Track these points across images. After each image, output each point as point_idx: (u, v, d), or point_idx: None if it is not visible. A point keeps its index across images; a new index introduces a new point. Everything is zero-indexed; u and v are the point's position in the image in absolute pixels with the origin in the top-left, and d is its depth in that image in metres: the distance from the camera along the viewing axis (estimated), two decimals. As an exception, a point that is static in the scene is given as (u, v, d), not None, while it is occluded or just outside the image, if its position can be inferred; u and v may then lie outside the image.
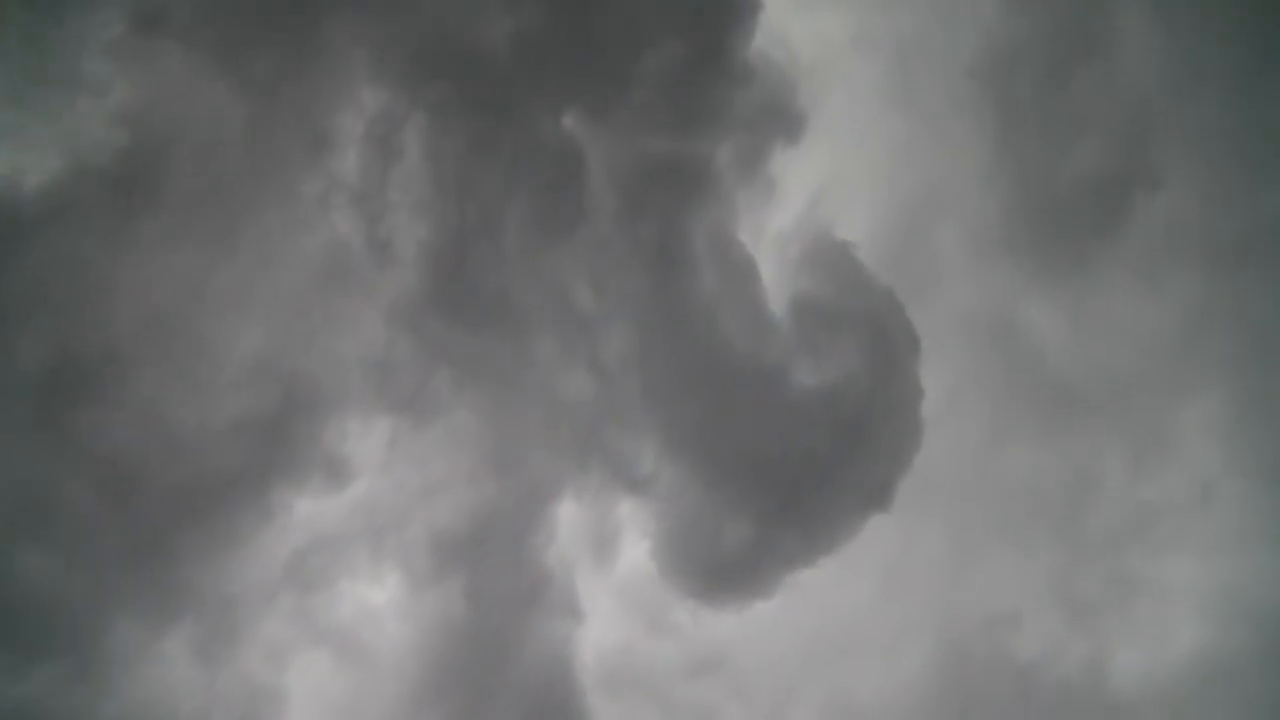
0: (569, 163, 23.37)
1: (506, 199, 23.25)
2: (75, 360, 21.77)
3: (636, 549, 24.62)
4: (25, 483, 21.54)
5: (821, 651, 25.76)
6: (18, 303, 21.67)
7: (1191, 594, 25.56)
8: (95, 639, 22.04)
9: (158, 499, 22.08)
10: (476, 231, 23.06)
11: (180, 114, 22.84)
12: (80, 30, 22.59)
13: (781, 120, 24.74)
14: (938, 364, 24.70)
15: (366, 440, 23.76)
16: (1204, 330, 26.47)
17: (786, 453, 23.76)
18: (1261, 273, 26.34)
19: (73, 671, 21.92)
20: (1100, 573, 25.73)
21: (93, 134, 22.44)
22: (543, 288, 23.47)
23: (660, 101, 23.65)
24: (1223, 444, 26.21)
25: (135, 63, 22.65)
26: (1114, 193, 25.84)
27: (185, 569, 22.63)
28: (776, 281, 24.52)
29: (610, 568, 24.95)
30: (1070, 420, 26.26)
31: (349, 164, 23.62)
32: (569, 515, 24.42)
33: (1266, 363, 26.34)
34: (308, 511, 23.40)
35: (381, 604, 23.93)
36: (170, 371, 22.40)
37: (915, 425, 24.12)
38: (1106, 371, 26.19)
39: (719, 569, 23.86)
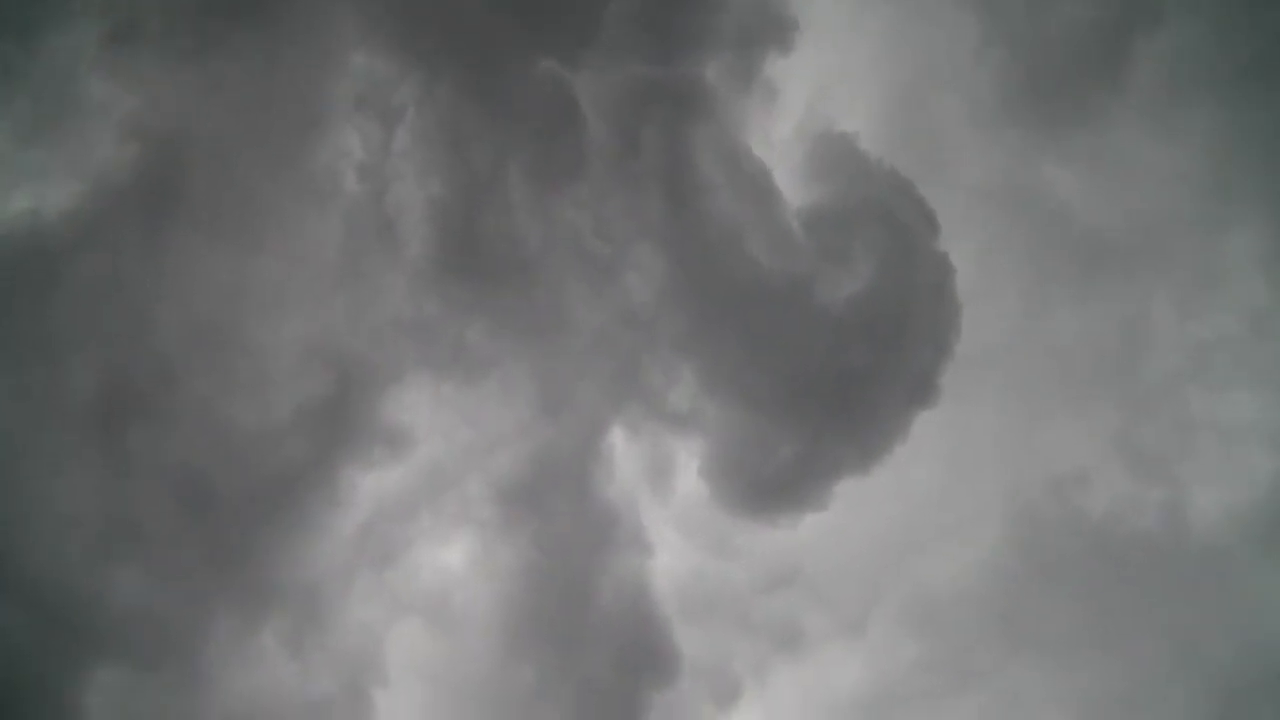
0: (561, 105, 24.11)
1: (505, 150, 24.06)
2: (128, 379, 23.08)
3: (693, 477, 25.36)
4: (105, 506, 22.90)
5: (895, 549, 26.86)
6: (64, 332, 22.94)
7: (1259, 427, 26.18)
8: (194, 646, 23.46)
9: (231, 501, 23.39)
10: (481, 187, 23.90)
11: (182, 114, 23.91)
12: (65, 52, 23.82)
13: (768, 28, 25.28)
14: (963, 242, 25.17)
15: (420, 406, 24.79)
16: (1232, 161, 26.74)
17: (824, 366, 24.30)
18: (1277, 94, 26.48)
19: (178, 679, 23.45)
20: (1163, 419, 26.34)
21: (104, 153, 23.71)
22: (556, 233, 24.26)
23: (642, 29, 24.37)
24: (1268, 271, 26.63)
25: (127, 74, 23.87)
26: (1114, 37, 26.14)
27: (267, 565, 23.94)
28: (788, 189, 25.05)
29: (671, 498, 25.78)
30: (1109, 272, 26.70)
31: (352, 137, 24.74)
32: (624, 452, 25.35)
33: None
34: (373, 486, 24.60)
35: (458, 565, 25.20)
36: (222, 375, 23.68)
37: (952, 311, 24.55)
38: (1139, 218, 26.59)
39: (772, 489, 24.52)
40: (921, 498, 26.58)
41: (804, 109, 26.15)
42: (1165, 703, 25.09)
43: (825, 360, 24.31)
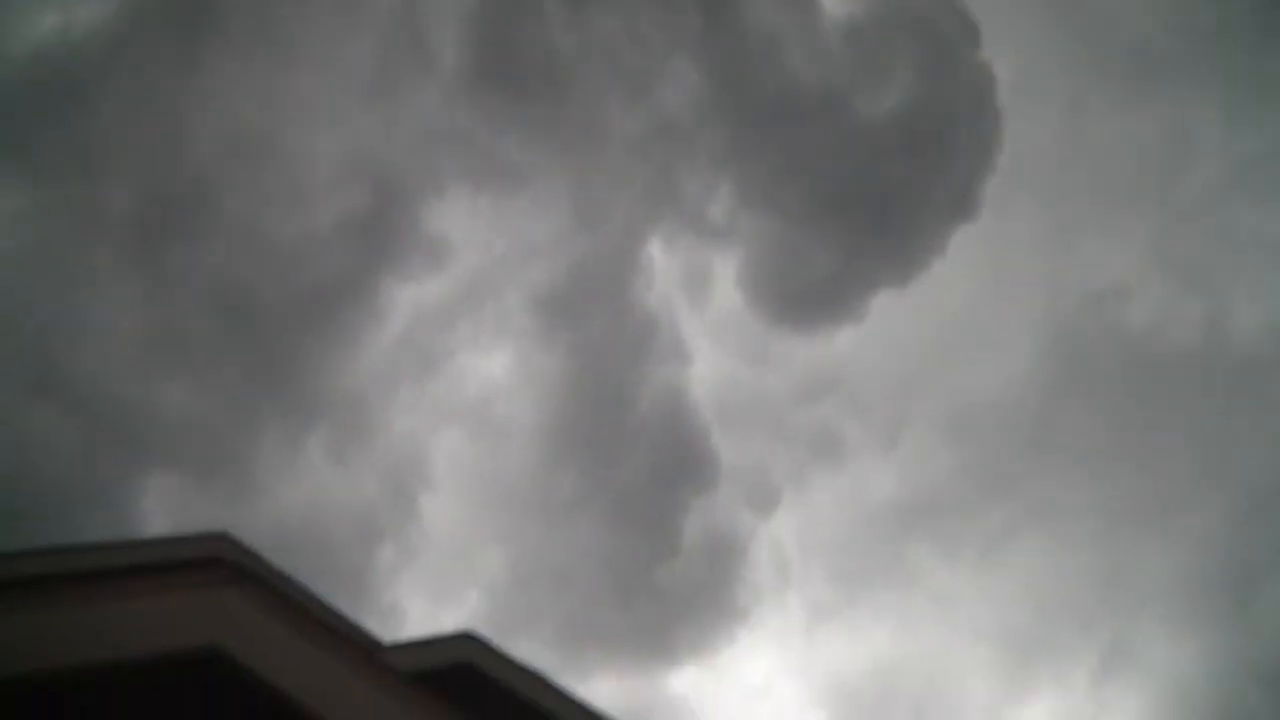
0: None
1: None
2: (167, 194, 23.31)
3: (730, 287, 25.60)
4: (149, 319, 23.43)
5: (932, 360, 26.95)
6: (100, 148, 22.98)
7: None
8: (242, 455, 24.29)
9: (273, 314, 23.83)
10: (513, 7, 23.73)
11: None
12: None
13: None
14: (1005, 50, 24.57)
15: (458, 217, 25.00)
16: None
17: (863, 179, 24.11)
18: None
19: (228, 486, 24.29)
20: (1206, 231, 25.93)
21: None
22: (592, 43, 24.02)
23: None
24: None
25: None
26: None
27: (311, 376, 24.63)
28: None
29: (708, 308, 26.18)
30: (1155, 81, 25.93)
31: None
32: (661, 262, 25.48)
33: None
34: (413, 298, 25.11)
35: (498, 374, 25.84)
36: (262, 189, 23.82)
37: (993, 122, 24.08)
38: (1187, 24, 25.76)
39: (808, 300, 24.88)
40: (959, 309, 26.60)
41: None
42: (1195, 511, 25.18)
43: (864, 173, 24.09)
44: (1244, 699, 23.82)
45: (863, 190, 24.15)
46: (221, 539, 7.53)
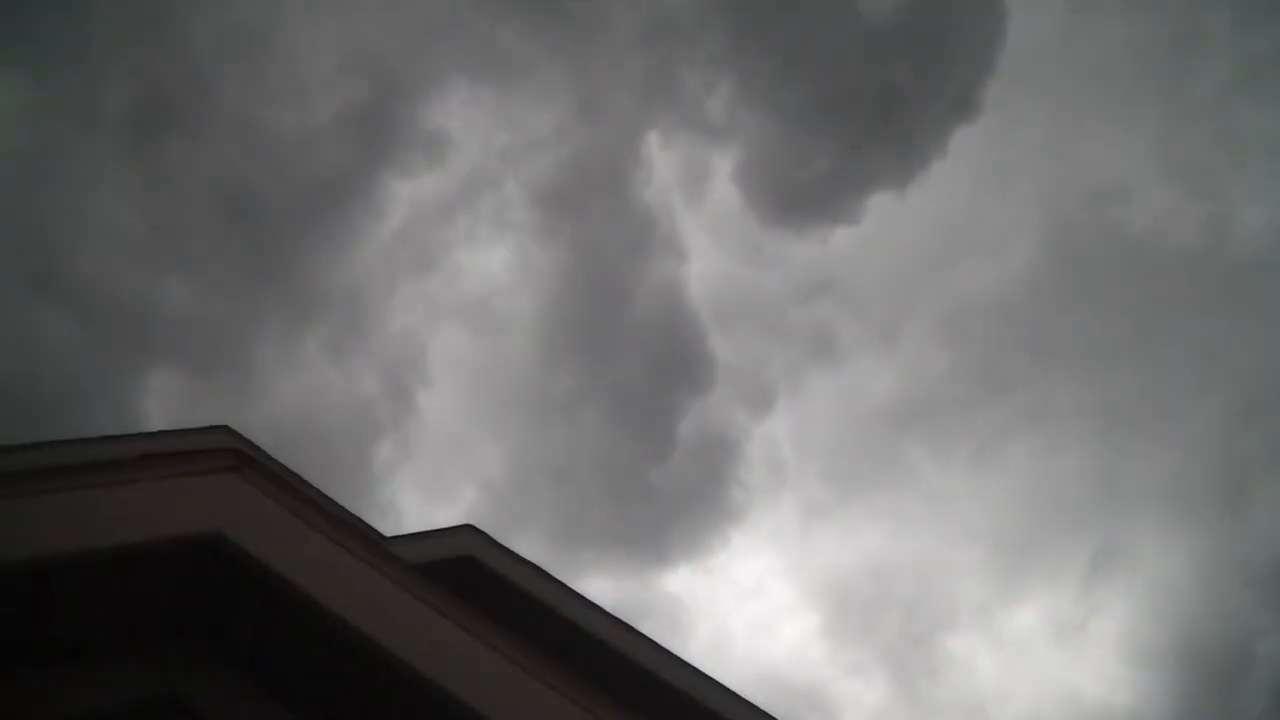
0: None
1: None
2: (163, 88, 22.96)
3: (728, 184, 25.50)
4: (146, 215, 23.39)
5: (929, 260, 26.87)
6: (96, 40, 22.77)
7: (1310, 137, 25.32)
8: (244, 351, 24.39)
9: (271, 210, 23.71)
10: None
11: None
12: None
13: None
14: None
15: (455, 110, 24.91)
16: None
17: (864, 79, 23.89)
18: None
19: (228, 383, 24.41)
20: (1210, 133, 25.53)
21: None
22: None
23: None
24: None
25: None
26: None
27: (308, 272, 24.62)
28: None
29: (706, 205, 26.07)
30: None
31: None
32: (660, 158, 25.35)
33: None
34: (410, 192, 25.00)
35: (496, 270, 25.80)
36: (259, 84, 23.53)
37: (997, 21, 23.64)
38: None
39: (804, 199, 24.73)
40: (958, 209, 26.43)
41: None
42: (1190, 412, 25.38)
43: (865, 73, 23.82)
44: (1233, 601, 24.19)
45: (863, 90, 23.88)
46: (223, 431, 7.58)
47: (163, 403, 23.65)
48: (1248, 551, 24.18)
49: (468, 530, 7.98)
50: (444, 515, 27.21)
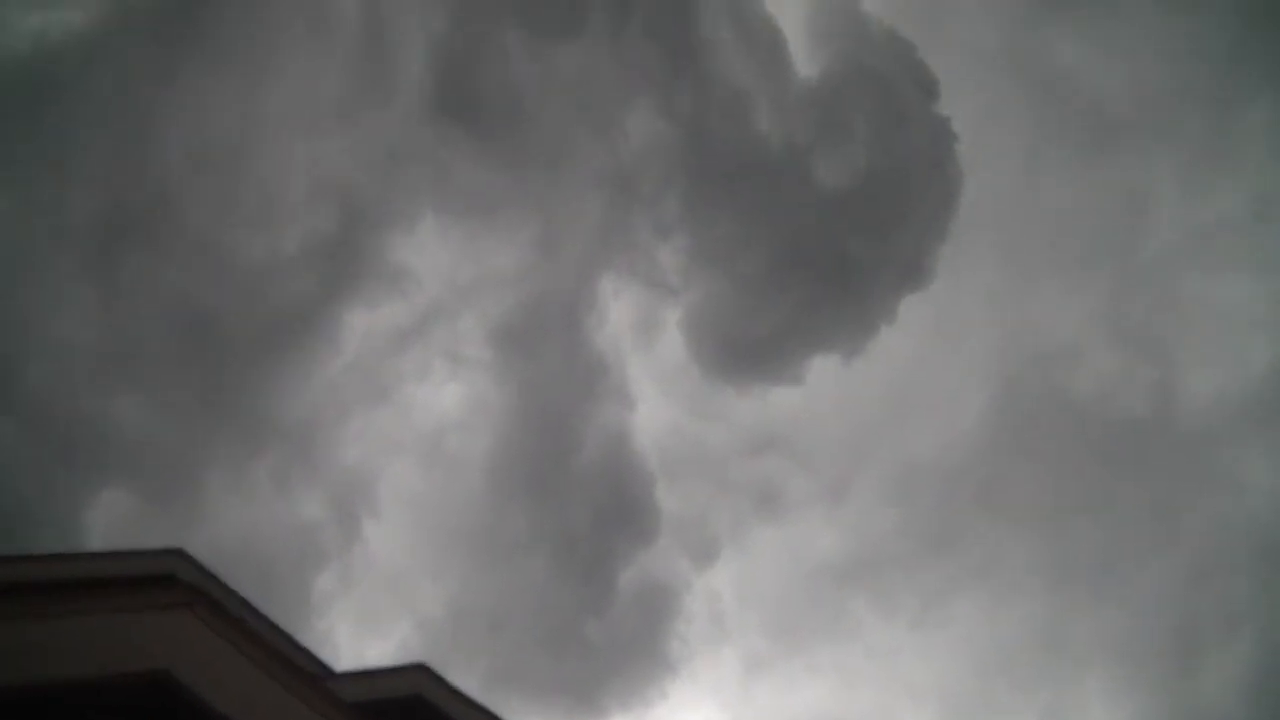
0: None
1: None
2: (130, 205, 23.05)
3: (682, 340, 25.70)
4: (104, 333, 23.13)
5: (879, 418, 27.41)
6: (66, 154, 22.77)
7: (1255, 312, 26.06)
8: (190, 473, 23.98)
9: (233, 334, 23.62)
10: (482, 24, 23.77)
11: None
12: None
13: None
14: (962, 107, 24.86)
15: (417, 244, 24.97)
16: (1251, 32, 25.86)
17: (816, 246, 24.48)
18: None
19: (175, 506, 23.93)
20: (1157, 299, 26.33)
21: None
22: (555, 82, 24.18)
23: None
24: (1278, 153, 26.39)
25: None
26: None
27: (265, 399, 24.40)
28: (791, 51, 24.93)
29: (658, 353, 26.27)
30: (1113, 143, 26.45)
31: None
32: (614, 302, 25.60)
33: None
34: (368, 323, 24.97)
35: (449, 405, 25.73)
36: (228, 206, 23.72)
37: (951, 189, 24.43)
38: (1146, 88, 26.23)
39: (748, 358, 25.10)
40: (907, 367, 26.91)
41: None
42: (1139, 575, 25.49)
43: (818, 240, 24.47)
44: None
45: (815, 255, 24.52)
46: (177, 555, 7.43)
47: (111, 523, 23.26)
48: (1196, 713, 24.15)
49: (419, 670, 7.83)
50: (380, 649, 26.62)
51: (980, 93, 26.10)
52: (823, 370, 25.35)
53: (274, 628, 6.73)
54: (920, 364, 26.97)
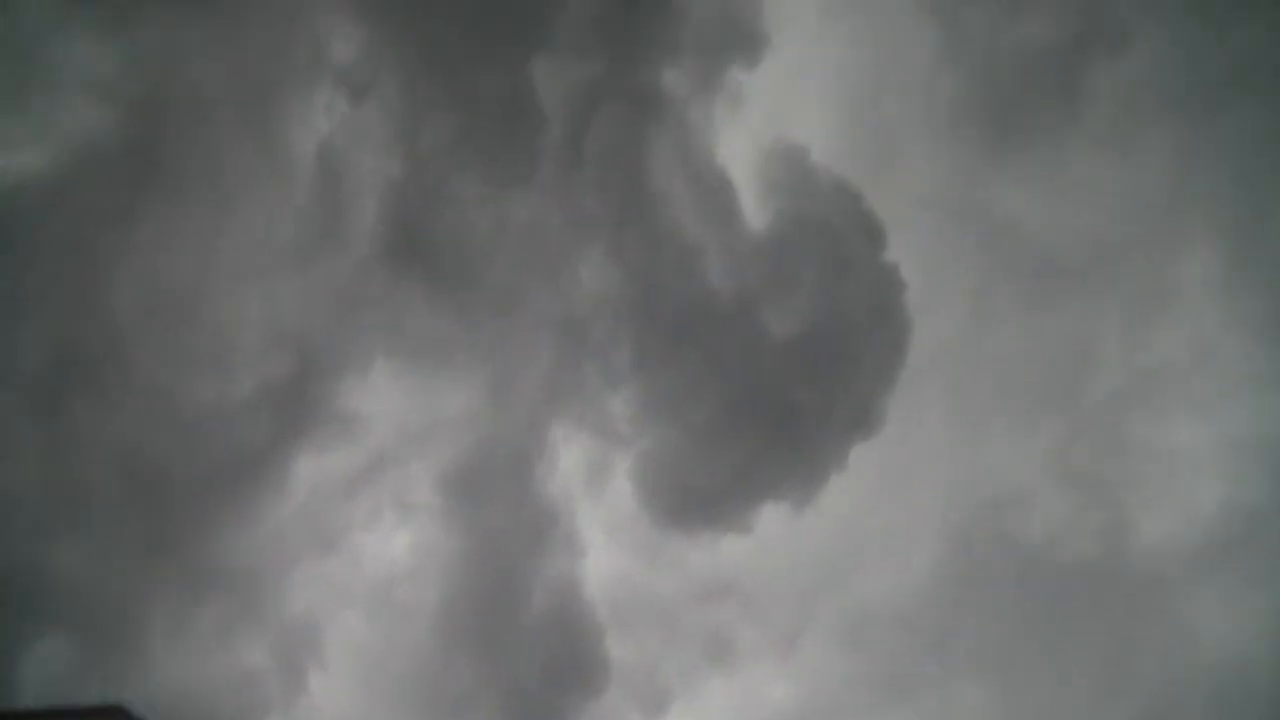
0: (519, 103, 24.41)
1: (462, 141, 24.36)
2: (79, 351, 23.24)
3: (631, 488, 25.73)
4: (49, 479, 23.07)
5: (830, 566, 27.31)
6: (16, 299, 22.97)
7: (1200, 455, 26.39)
8: (133, 623, 23.66)
9: (177, 482, 23.61)
10: (436, 177, 24.18)
11: (151, 81, 24.04)
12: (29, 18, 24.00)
13: (730, 37, 25.53)
14: (909, 255, 25.33)
15: (367, 391, 25.17)
16: (1188, 184, 26.95)
17: (765, 397, 24.73)
18: (1240, 116, 26.62)
19: (116, 655, 23.56)
20: (1104, 443, 26.63)
21: (70, 120, 23.87)
22: (507, 231, 24.72)
23: (605, 34, 24.65)
24: (1217, 299, 26.79)
25: (97, 38, 23.93)
26: (1072, 58, 26.46)
27: (209, 547, 24.21)
28: (741, 201, 25.44)
29: (607, 502, 26.23)
30: (1058, 291, 27.19)
31: (319, 115, 25.10)
32: (564, 450, 25.77)
33: (1257, 208, 26.72)
34: (317, 470, 25.01)
35: (398, 553, 25.66)
36: (180, 352, 23.91)
37: (899, 337, 24.87)
38: (1089, 237, 26.92)
39: (697, 508, 25.05)
40: (858, 515, 26.92)
41: (761, 118, 26.46)
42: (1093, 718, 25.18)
43: (767, 391, 24.73)
44: None
45: (764, 407, 24.76)
46: (119, 713, 7.28)
47: (48, 676, 22.87)
48: None
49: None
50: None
51: (928, 241, 26.76)
52: (773, 518, 25.40)
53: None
54: (871, 511, 27.10)
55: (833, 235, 24.87)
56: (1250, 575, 25.64)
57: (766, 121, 26.23)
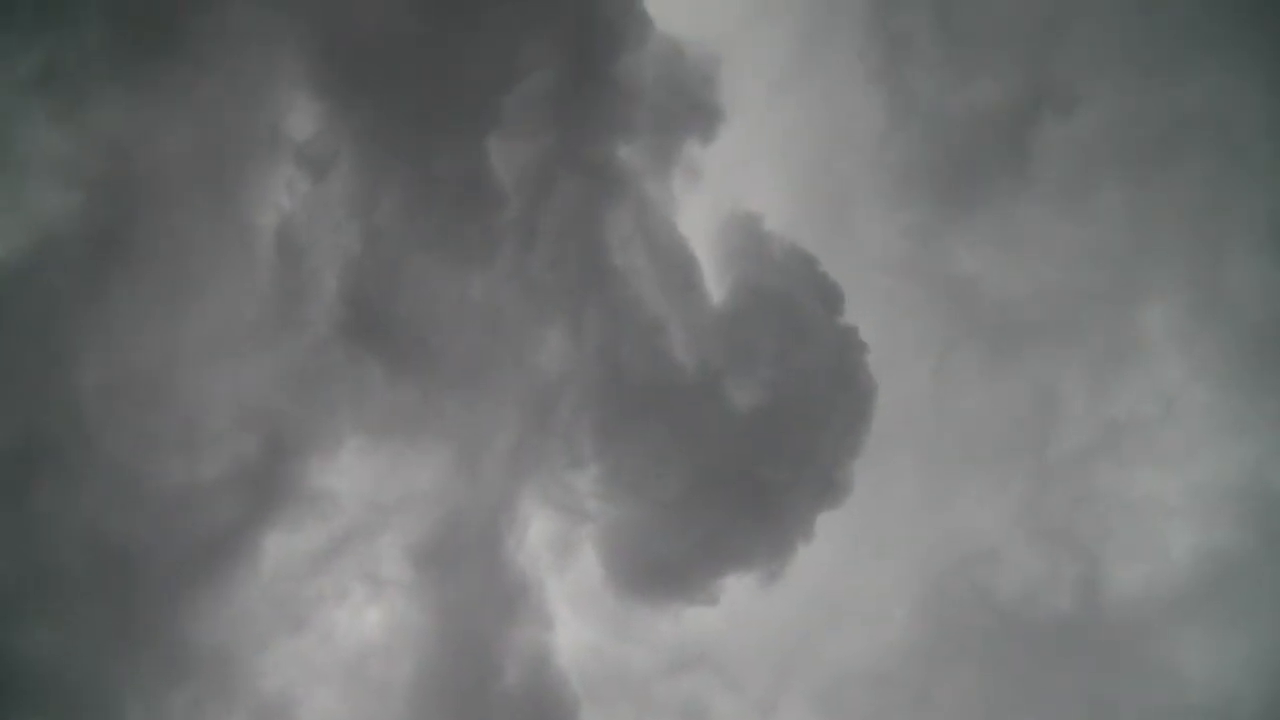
0: (479, 182, 24.85)
1: (423, 219, 24.72)
2: (43, 432, 23.33)
3: (598, 559, 25.78)
4: (14, 561, 23.09)
5: (804, 631, 27.25)
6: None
7: (1168, 505, 26.66)
8: (102, 708, 23.55)
9: (150, 562, 23.64)
10: (397, 255, 24.48)
11: (116, 163, 24.16)
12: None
13: (684, 112, 26.02)
14: (870, 317, 25.67)
15: (334, 469, 25.12)
16: (1144, 238, 27.47)
17: (730, 471, 24.90)
18: (1189, 170, 27.25)
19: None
20: (1072, 497, 26.92)
21: (44, 203, 24.01)
22: (469, 309, 24.91)
23: (555, 113, 25.07)
24: (1178, 351, 27.18)
25: (63, 121, 24.12)
26: (1021, 120, 27.03)
27: (179, 629, 24.16)
28: (700, 273, 25.78)
29: (577, 574, 26.14)
30: (1020, 347, 27.43)
31: (281, 194, 25.19)
32: (532, 524, 25.81)
33: (1213, 259, 27.26)
34: (287, 548, 24.93)
35: (369, 629, 25.49)
36: (147, 433, 23.92)
37: (862, 404, 25.10)
38: (1049, 293, 27.34)
39: (663, 580, 25.17)
40: (830, 578, 26.97)
41: (716, 190, 26.64)
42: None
43: (732, 463, 24.90)
44: None
45: (729, 480, 24.88)
46: None
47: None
48: None
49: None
50: None
51: (886, 303, 27.18)
52: (743, 587, 25.47)
53: None
54: (843, 575, 27.12)
55: (790, 303, 25.19)
56: (1226, 619, 25.97)
57: (722, 192, 26.47)
